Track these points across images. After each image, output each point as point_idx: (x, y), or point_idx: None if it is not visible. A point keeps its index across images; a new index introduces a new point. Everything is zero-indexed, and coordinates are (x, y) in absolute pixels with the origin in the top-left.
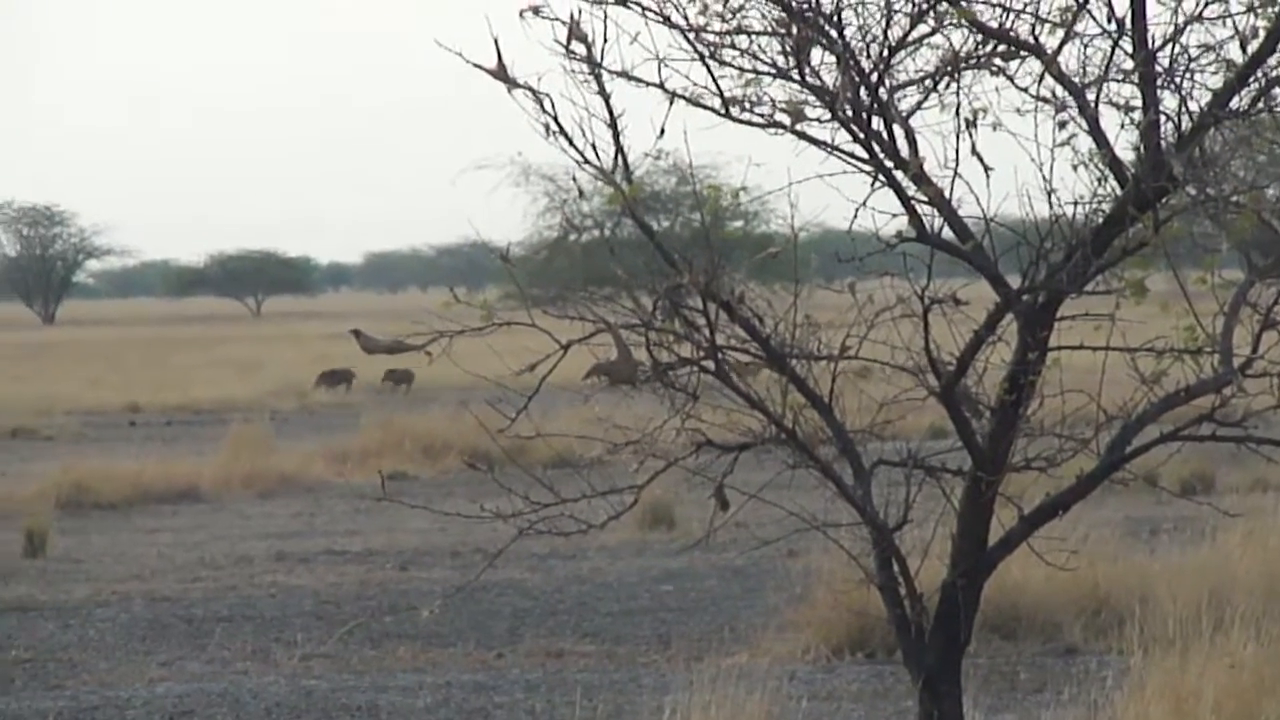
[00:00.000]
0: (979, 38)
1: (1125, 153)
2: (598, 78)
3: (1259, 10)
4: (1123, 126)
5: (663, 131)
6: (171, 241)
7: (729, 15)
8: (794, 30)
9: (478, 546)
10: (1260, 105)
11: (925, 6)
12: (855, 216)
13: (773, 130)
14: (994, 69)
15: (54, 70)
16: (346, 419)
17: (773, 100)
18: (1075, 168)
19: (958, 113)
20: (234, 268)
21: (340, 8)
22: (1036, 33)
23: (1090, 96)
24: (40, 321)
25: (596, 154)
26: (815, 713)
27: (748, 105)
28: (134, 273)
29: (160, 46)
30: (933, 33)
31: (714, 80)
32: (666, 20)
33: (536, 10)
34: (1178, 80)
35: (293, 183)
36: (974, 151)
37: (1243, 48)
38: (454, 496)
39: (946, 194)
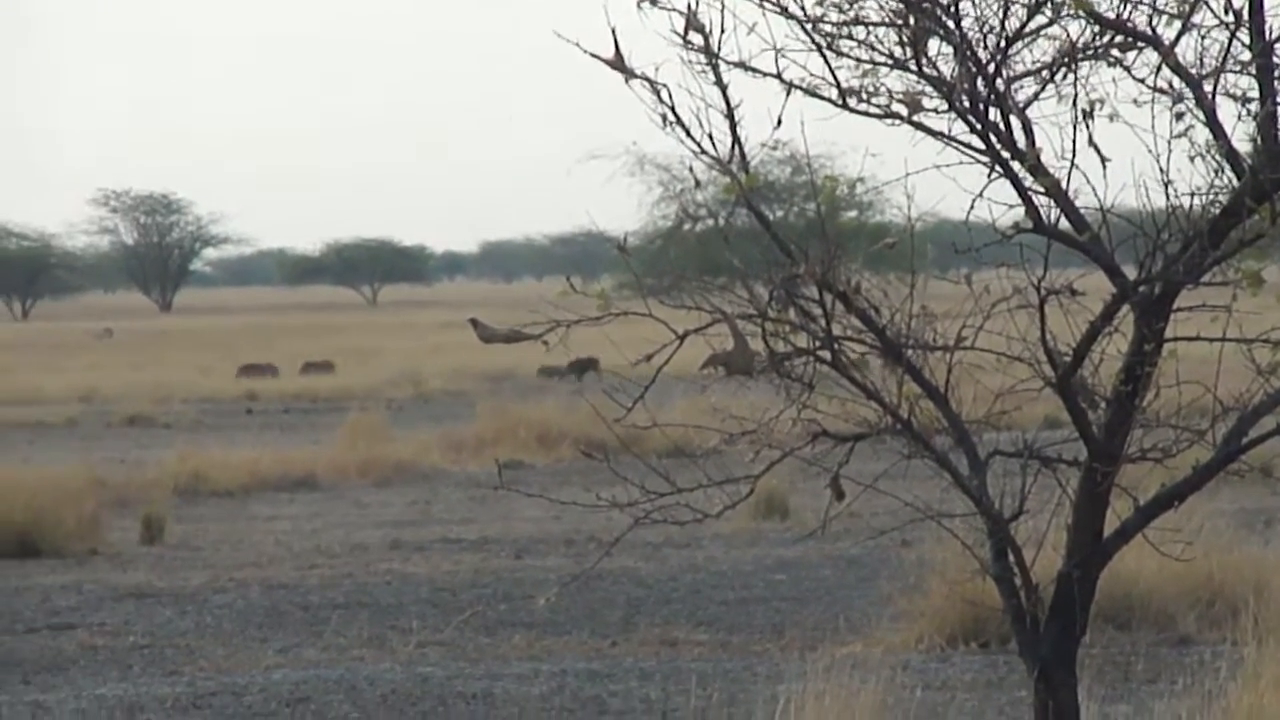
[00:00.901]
0: (1096, 29)
1: (1242, 144)
2: (715, 68)
3: None
4: (1240, 118)
5: (780, 122)
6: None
7: (846, 6)
8: (911, 21)
9: (592, 535)
10: None
11: None
12: (972, 207)
13: (890, 121)
14: (1111, 60)
15: (173, 61)
16: (462, 407)
17: (890, 91)
18: (1192, 159)
19: (1075, 104)
20: (350, 256)
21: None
22: (1154, 24)
23: (1207, 88)
24: (157, 309)
25: (713, 144)
26: (929, 702)
27: (865, 96)
28: (250, 261)
29: (278, 36)
30: (1050, 23)
31: (831, 71)
32: (784, 11)
33: (654, 1)
34: None
35: (409, 171)
36: (1091, 142)
37: None
38: (569, 485)
39: (1063, 185)
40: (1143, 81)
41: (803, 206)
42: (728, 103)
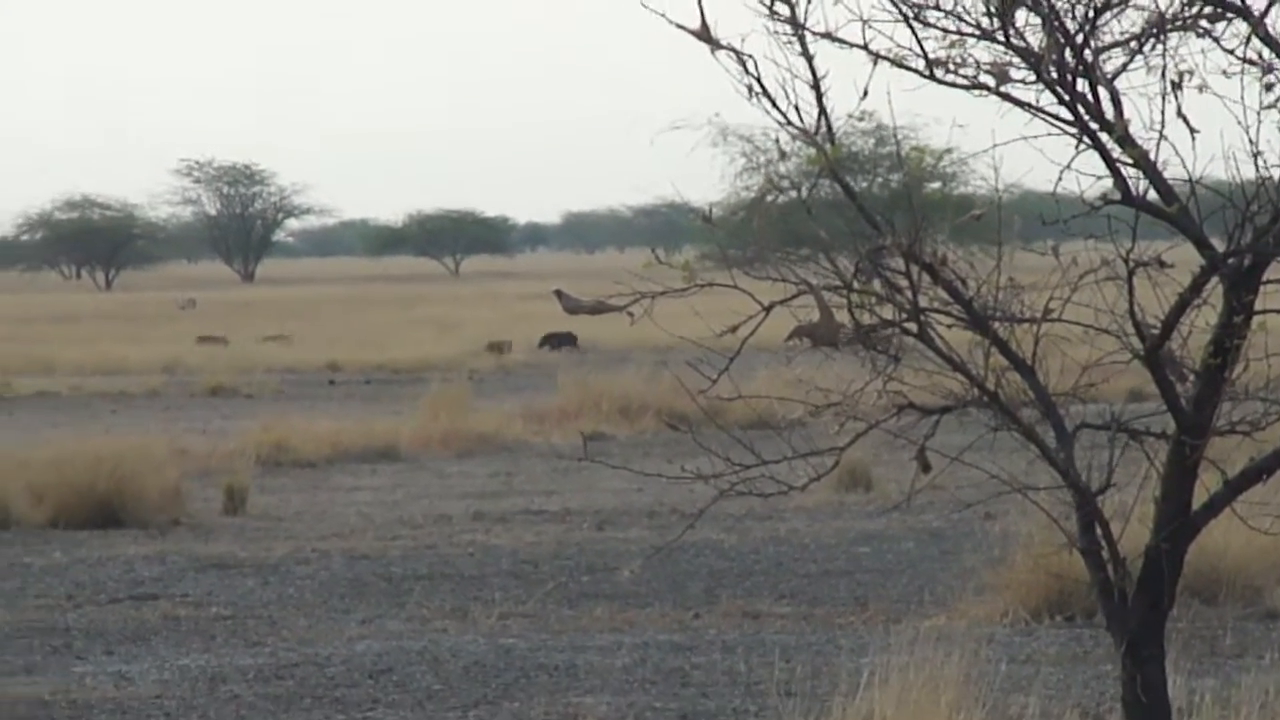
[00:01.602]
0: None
1: None
2: (801, 39)
3: None
4: None
5: (866, 93)
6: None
7: None
8: None
9: (674, 507)
10: None
11: None
12: (1060, 179)
13: (977, 92)
14: (1200, 31)
15: (254, 29)
16: (543, 379)
17: (977, 62)
18: None
19: (1163, 75)
20: (432, 227)
21: None
22: None
23: None
24: (240, 280)
25: (799, 115)
26: (1014, 675)
27: (952, 67)
28: (333, 232)
29: (356, 7)
30: None
31: (918, 41)
32: None
33: None
34: None
35: (491, 142)
36: (1179, 114)
37: None
38: (651, 457)
39: (1152, 156)
40: (1232, 52)
41: (886, 178)
42: (814, 73)
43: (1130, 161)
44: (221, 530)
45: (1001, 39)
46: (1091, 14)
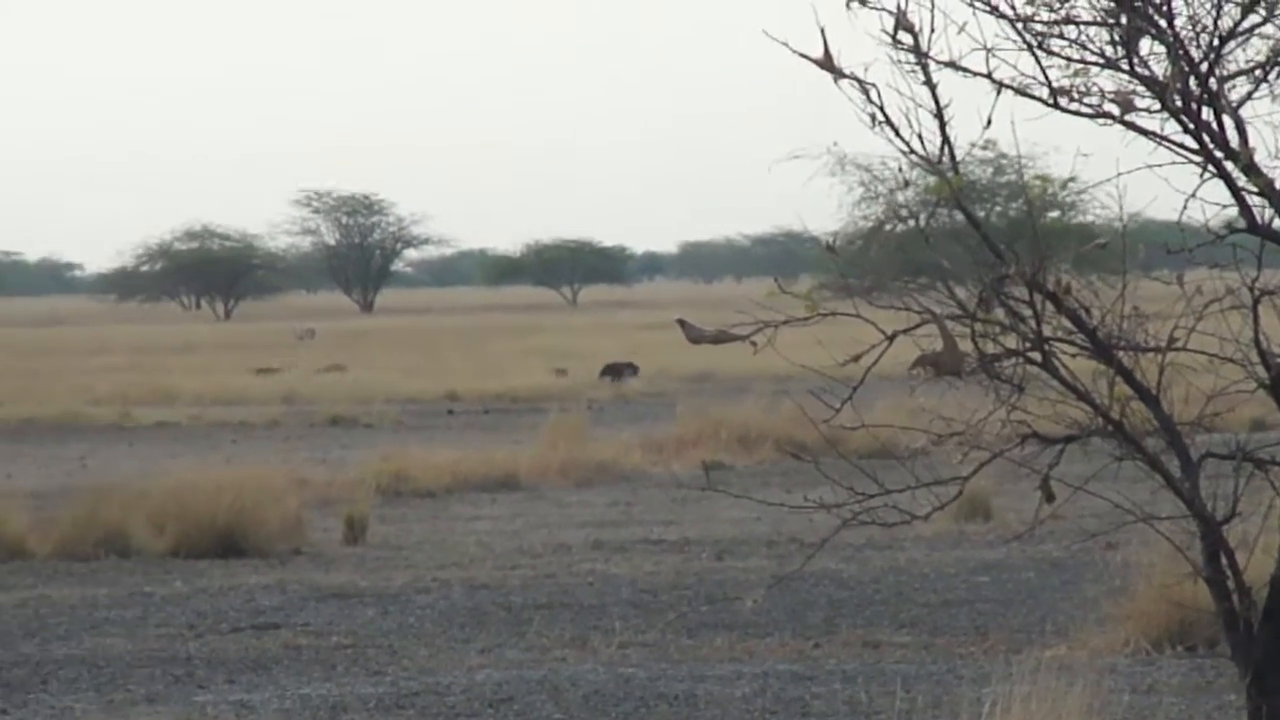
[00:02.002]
0: None
1: None
2: (924, 67)
3: None
4: None
5: (989, 122)
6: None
7: (1057, 4)
8: (1123, 20)
9: (793, 536)
10: None
11: None
12: (1185, 207)
13: (1101, 121)
14: None
15: (374, 61)
16: (662, 408)
17: (1101, 90)
18: None
19: None
20: (550, 257)
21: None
22: None
23: None
24: (359, 310)
25: (922, 144)
26: (1136, 706)
27: (1076, 95)
28: (451, 261)
29: (475, 38)
30: (1264, 22)
31: (1042, 70)
32: (994, 10)
33: (864, 1)
34: None
35: (608, 172)
36: None
37: None
38: (770, 486)
39: (1277, 184)
40: None
41: (1005, 206)
42: (937, 102)
43: (1256, 190)
44: (342, 560)
45: (1126, 67)
46: (1216, 42)
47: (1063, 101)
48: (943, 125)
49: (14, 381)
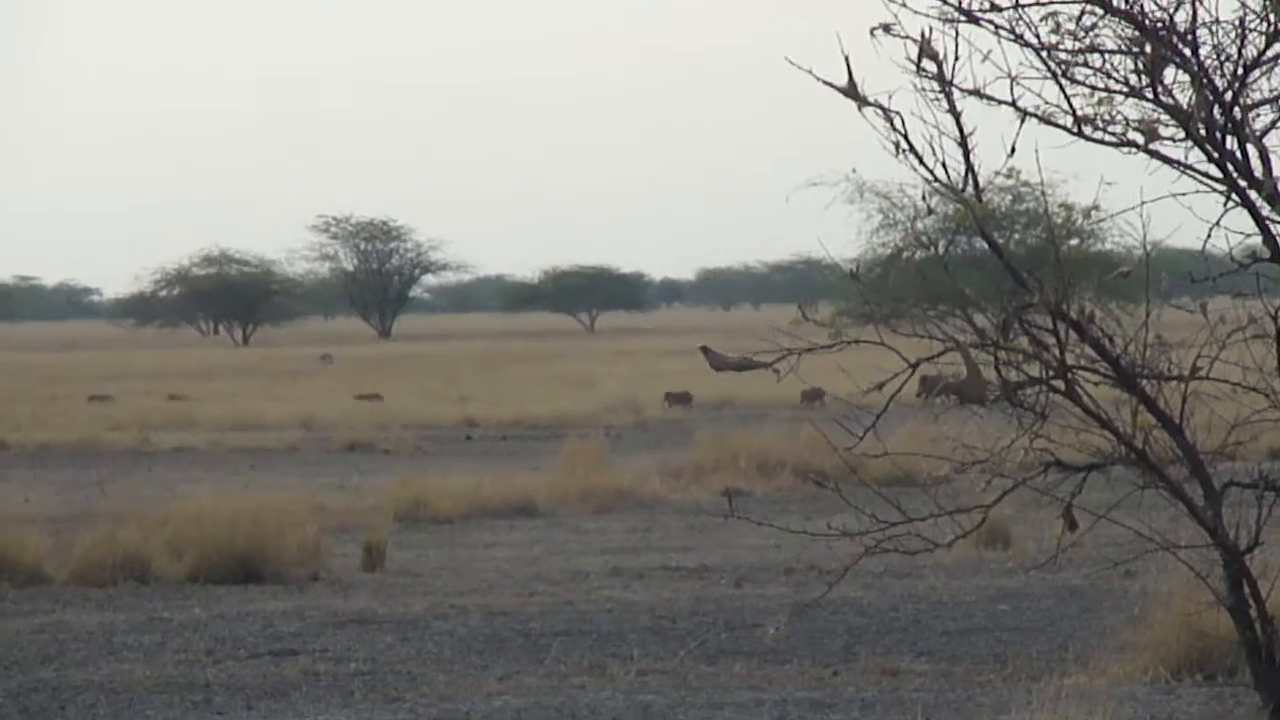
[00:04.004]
0: None
1: None
2: (949, 95)
3: None
4: None
5: (1013, 150)
6: (506, 257)
7: (1081, 34)
8: (1148, 48)
9: (812, 563)
10: None
11: None
12: (1209, 236)
13: (1125, 149)
14: None
15: (391, 88)
16: (680, 435)
17: (1125, 119)
18: None
19: None
20: (568, 283)
21: (680, 23)
22: None
23: None
24: (377, 336)
25: (946, 171)
26: None
27: (1100, 124)
28: (469, 288)
29: (495, 61)
30: None
31: (1066, 98)
32: (1019, 38)
33: (887, 28)
34: None
35: (627, 198)
36: None
37: None
38: (789, 513)
39: None
40: None
41: (1024, 234)
42: (961, 130)
43: (1279, 219)
44: (360, 586)
45: (1150, 96)
46: (1240, 71)
47: (1087, 130)
48: (966, 153)
49: (31, 406)
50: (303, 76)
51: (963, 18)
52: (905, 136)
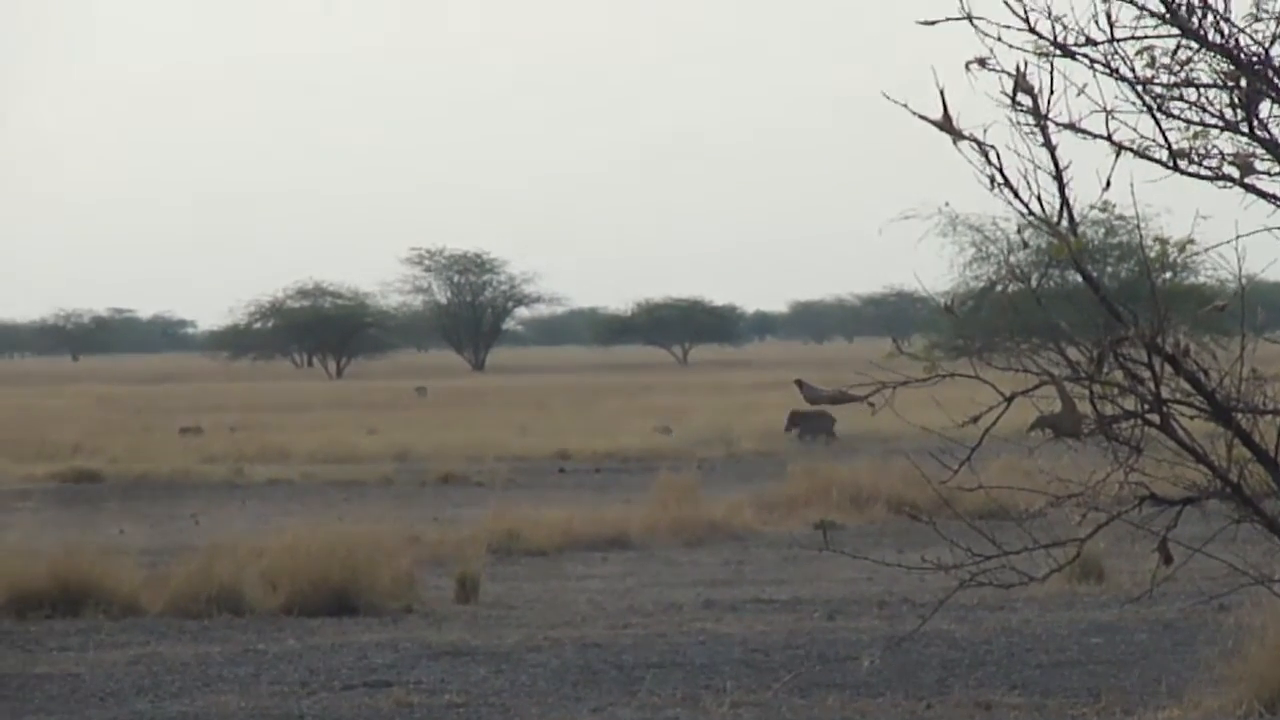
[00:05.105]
0: None
1: None
2: (1044, 129)
3: None
4: None
5: (1109, 184)
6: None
7: (1176, 67)
8: (1243, 82)
9: (905, 596)
10: None
11: None
12: None
13: (1220, 183)
14: None
15: (484, 120)
16: (773, 467)
17: (1221, 153)
18: None
19: None
20: (661, 316)
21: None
22: None
23: None
24: (470, 368)
25: (1041, 205)
26: None
27: (1195, 158)
28: (561, 320)
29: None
30: None
31: (1161, 132)
32: (1114, 72)
33: (983, 63)
34: None
35: (719, 231)
36: None
37: None
38: (882, 546)
39: None
40: None
41: (1117, 268)
42: (1056, 164)
43: None
44: (454, 618)
45: (1245, 130)
46: None
47: (1182, 164)
48: (1062, 187)
49: (127, 439)
50: (395, 103)
51: (1058, 51)
52: (1000, 170)
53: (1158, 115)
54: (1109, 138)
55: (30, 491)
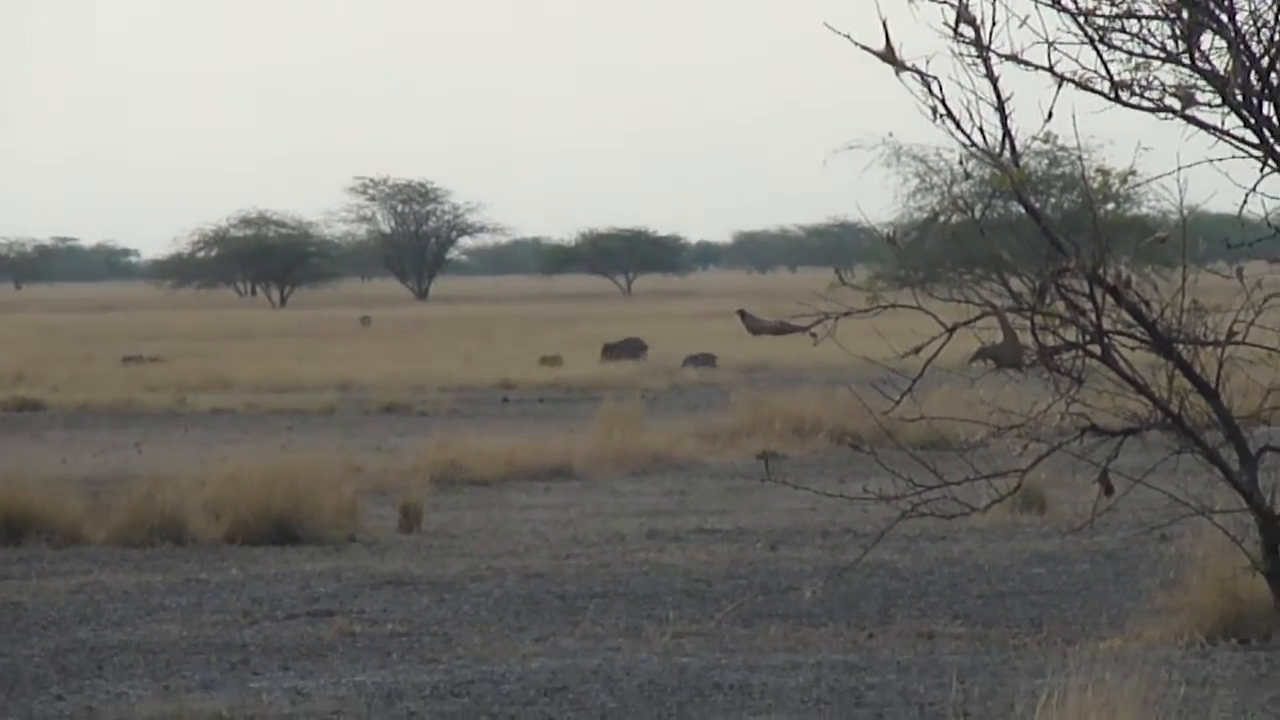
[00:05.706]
0: None
1: None
2: (986, 61)
3: None
4: None
5: (1050, 115)
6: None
7: None
8: (1185, 14)
9: (847, 527)
10: None
11: None
12: (1245, 201)
13: (1162, 115)
14: None
15: (429, 50)
16: (716, 398)
17: (1162, 84)
18: None
19: None
20: (605, 246)
21: None
22: None
23: None
24: (414, 298)
25: (983, 136)
26: (1191, 699)
27: (1137, 89)
28: (505, 250)
29: (531, 26)
30: None
31: (1104, 64)
32: (1056, 3)
33: None
34: None
35: (664, 161)
36: None
37: None
38: (824, 476)
39: None
40: None
41: (1060, 199)
42: (999, 95)
43: None
44: (397, 547)
45: (1187, 62)
46: (1278, 37)
47: (1124, 95)
48: (1004, 118)
49: (70, 367)
50: (340, 34)
51: None
52: (943, 101)
53: (1099, 47)
54: (1051, 69)
55: None
